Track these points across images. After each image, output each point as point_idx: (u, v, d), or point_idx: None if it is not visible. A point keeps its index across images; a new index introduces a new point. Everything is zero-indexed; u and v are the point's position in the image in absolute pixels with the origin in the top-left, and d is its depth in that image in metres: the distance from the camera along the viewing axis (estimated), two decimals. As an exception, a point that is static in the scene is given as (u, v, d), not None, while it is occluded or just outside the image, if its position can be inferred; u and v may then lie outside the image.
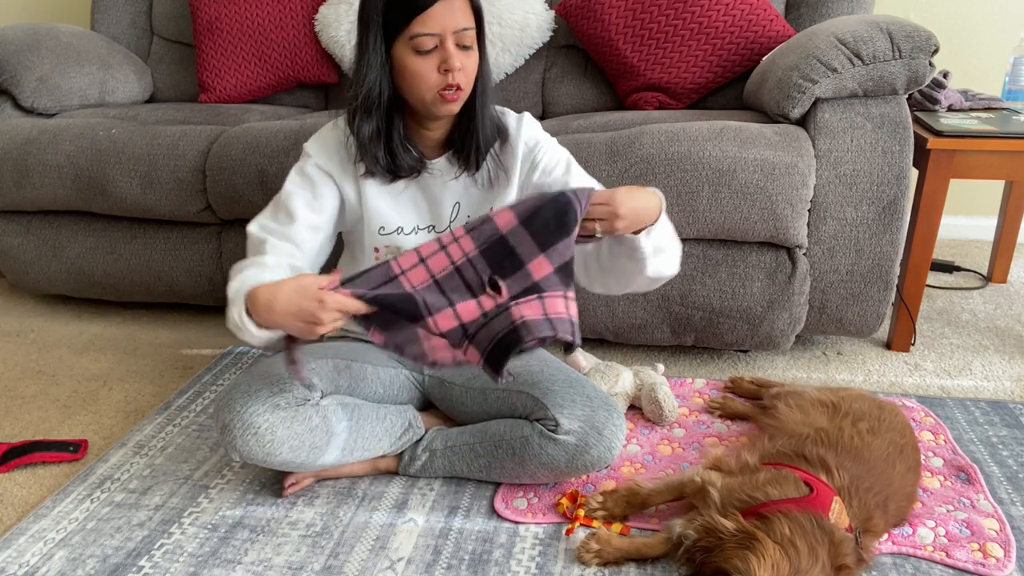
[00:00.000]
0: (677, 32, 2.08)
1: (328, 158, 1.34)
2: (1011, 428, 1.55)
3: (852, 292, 1.74)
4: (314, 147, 1.35)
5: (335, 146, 1.34)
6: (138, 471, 1.48)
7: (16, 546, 1.28)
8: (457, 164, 1.35)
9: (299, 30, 2.35)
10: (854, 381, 1.77)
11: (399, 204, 1.37)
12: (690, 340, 1.83)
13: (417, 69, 1.22)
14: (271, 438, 1.23)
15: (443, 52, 1.21)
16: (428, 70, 1.22)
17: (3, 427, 1.66)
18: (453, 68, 1.21)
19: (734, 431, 1.57)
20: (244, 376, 1.28)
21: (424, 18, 1.18)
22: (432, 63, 1.22)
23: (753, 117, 1.82)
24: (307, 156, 1.35)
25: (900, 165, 1.66)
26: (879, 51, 1.61)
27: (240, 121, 2.11)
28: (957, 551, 1.21)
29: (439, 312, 1.16)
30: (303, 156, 1.36)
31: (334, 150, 1.34)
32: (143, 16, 2.60)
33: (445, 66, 1.21)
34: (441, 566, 1.22)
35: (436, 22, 1.18)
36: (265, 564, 1.23)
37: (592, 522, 1.28)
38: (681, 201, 1.66)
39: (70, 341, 2.08)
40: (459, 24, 1.20)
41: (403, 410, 1.43)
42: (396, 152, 1.30)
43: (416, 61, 1.21)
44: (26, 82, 2.18)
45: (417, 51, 1.21)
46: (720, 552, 1.06)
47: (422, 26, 1.19)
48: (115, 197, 1.98)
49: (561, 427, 1.30)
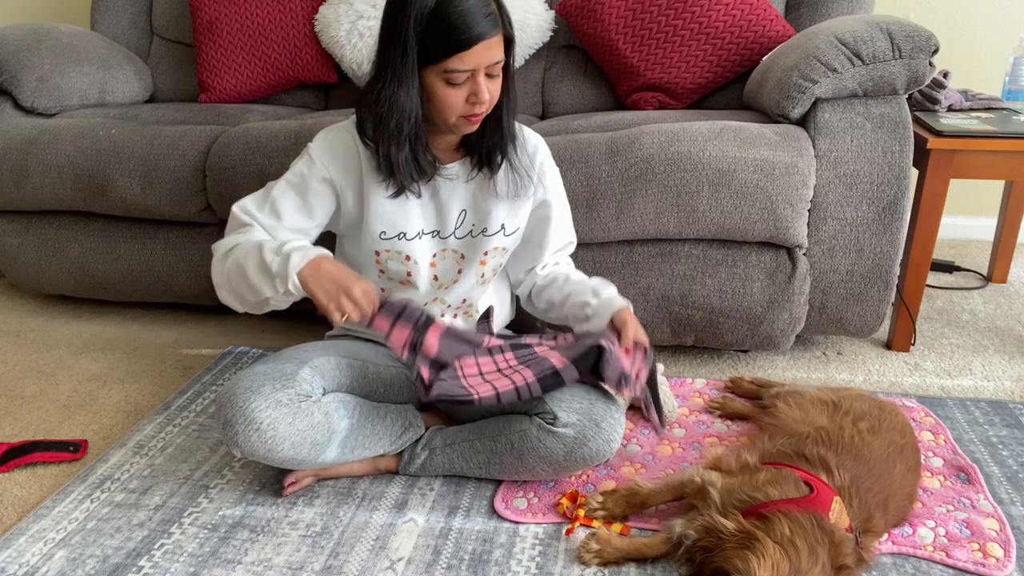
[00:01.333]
0: (677, 32, 2.08)
1: (333, 164, 1.34)
2: (1011, 428, 1.55)
3: (852, 292, 1.74)
4: (320, 151, 1.35)
5: (343, 152, 1.34)
6: (138, 471, 1.48)
7: (16, 546, 1.28)
8: (472, 167, 1.37)
9: (299, 30, 2.35)
10: (854, 381, 1.77)
11: (405, 209, 1.37)
12: (690, 340, 1.83)
13: (446, 98, 1.23)
14: (273, 434, 1.23)
15: (473, 85, 1.22)
16: (457, 100, 1.24)
17: (3, 427, 1.66)
18: (482, 101, 1.23)
19: (734, 431, 1.57)
20: (246, 373, 1.28)
21: (463, 56, 1.19)
22: (462, 94, 1.23)
23: (753, 117, 1.82)
24: (311, 161, 1.35)
25: (900, 165, 1.66)
26: (879, 51, 1.61)
27: (240, 121, 2.11)
28: (957, 551, 1.21)
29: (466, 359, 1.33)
30: (307, 159, 1.35)
31: (341, 156, 1.34)
32: (143, 16, 2.60)
33: (474, 99, 1.23)
34: (441, 566, 1.22)
35: (473, 59, 1.20)
36: (265, 564, 1.23)
37: (592, 522, 1.28)
38: (681, 201, 1.66)
39: (70, 341, 2.08)
40: (492, 59, 1.22)
41: (403, 409, 1.43)
42: (421, 164, 1.31)
43: (446, 91, 1.23)
44: (26, 82, 2.18)
45: (449, 83, 1.22)
46: (720, 552, 1.06)
47: (459, 63, 1.19)
48: (115, 197, 1.98)
49: (559, 420, 1.30)
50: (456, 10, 1.17)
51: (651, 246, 1.75)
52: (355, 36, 2.26)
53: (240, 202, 1.36)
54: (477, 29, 1.18)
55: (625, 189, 1.66)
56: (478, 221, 1.40)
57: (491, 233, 1.41)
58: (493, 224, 1.40)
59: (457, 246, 1.42)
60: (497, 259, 1.45)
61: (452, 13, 1.17)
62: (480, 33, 1.18)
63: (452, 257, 1.43)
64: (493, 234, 1.41)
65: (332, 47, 2.33)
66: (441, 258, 1.42)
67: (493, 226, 1.40)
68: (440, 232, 1.40)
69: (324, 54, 2.37)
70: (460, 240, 1.42)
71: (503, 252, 1.45)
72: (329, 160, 1.34)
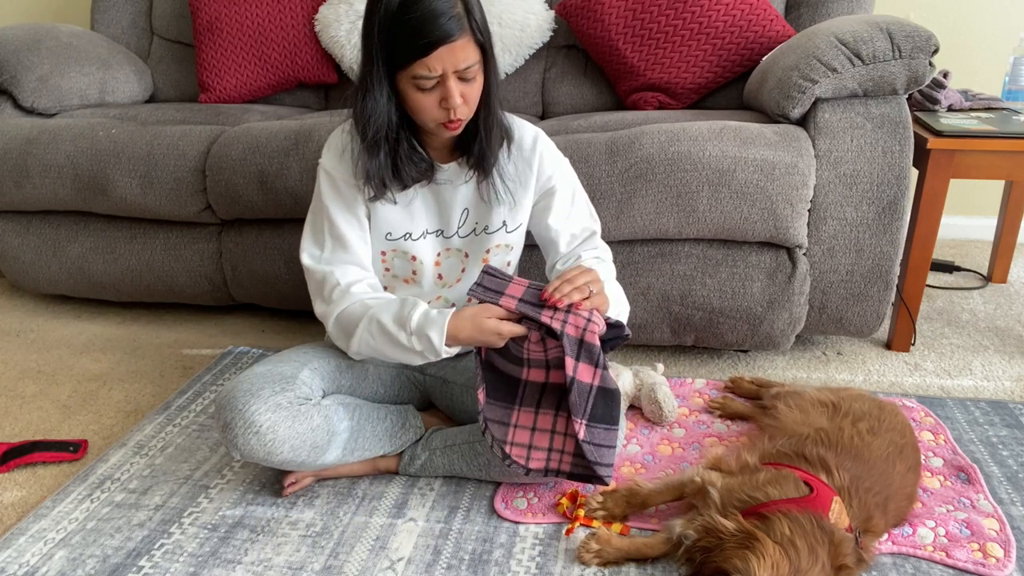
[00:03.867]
0: (677, 32, 2.08)
1: (347, 169, 1.34)
2: (1011, 428, 1.55)
3: (852, 292, 1.74)
4: (332, 163, 1.35)
5: (348, 157, 1.34)
6: (138, 471, 1.48)
7: (16, 546, 1.28)
8: (467, 168, 1.36)
9: (299, 30, 2.35)
10: (854, 381, 1.77)
11: (410, 209, 1.37)
12: (690, 340, 1.83)
13: (418, 104, 1.23)
14: (272, 437, 1.23)
15: (444, 89, 1.20)
16: (430, 105, 1.22)
17: (3, 427, 1.66)
18: (453, 107, 1.21)
19: (734, 431, 1.57)
20: (246, 375, 1.28)
21: (426, 61, 1.17)
22: (434, 99, 1.22)
23: (753, 117, 1.82)
24: (331, 176, 1.34)
25: (900, 165, 1.66)
26: (879, 51, 1.61)
27: (240, 121, 2.11)
28: (957, 551, 1.21)
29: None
30: (327, 176, 1.35)
31: (348, 161, 1.34)
32: (143, 16, 2.60)
33: (445, 104, 1.21)
34: (441, 566, 1.22)
35: (438, 64, 1.18)
36: (265, 564, 1.23)
37: (592, 522, 1.28)
38: (681, 201, 1.66)
39: (70, 341, 2.08)
40: (459, 64, 1.19)
41: (404, 410, 1.43)
42: (401, 168, 1.31)
43: (417, 96, 1.22)
44: (26, 82, 2.18)
45: (419, 88, 1.21)
46: (720, 552, 1.06)
47: (424, 68, 1.18)
48: (115, 197, 1.98)
49: None
50: (416, 14, 1.15)
51: (651, 246, 1.75)
52: (355, 36, 2.26)
53: (303, 254, 1.37)
54: (439, 32, 1.15)
55: (625, 189, 1.66)
56: (480, 219, 1.40)
57: (493, 231, 1.41)
58: (494, 222, 1.40)
59: (460, 245, 1.42)
60: (501, 256, 1.45)
61: (413, 17, 1.15)
62: (442, 36, 1.15)
63: (456, 256, 1.43)
64: (495, 231, 1.41)
65: (332, 47, 2.33)
66: (445, 257, 1.43)
67: (494, 224, 1.40)
68: (444, 232, 1.40)
69: (324, 54, 2.37)
70: (463, 239, 1.42)
71: (507, 249, 1.44)
72: (342, 168, 1.34)
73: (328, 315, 1.35)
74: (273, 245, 1.96)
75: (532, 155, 1.40)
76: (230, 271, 2.03)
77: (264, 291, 2.03)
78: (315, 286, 1.37)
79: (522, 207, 1.42)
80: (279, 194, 1.86)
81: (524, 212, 1.43)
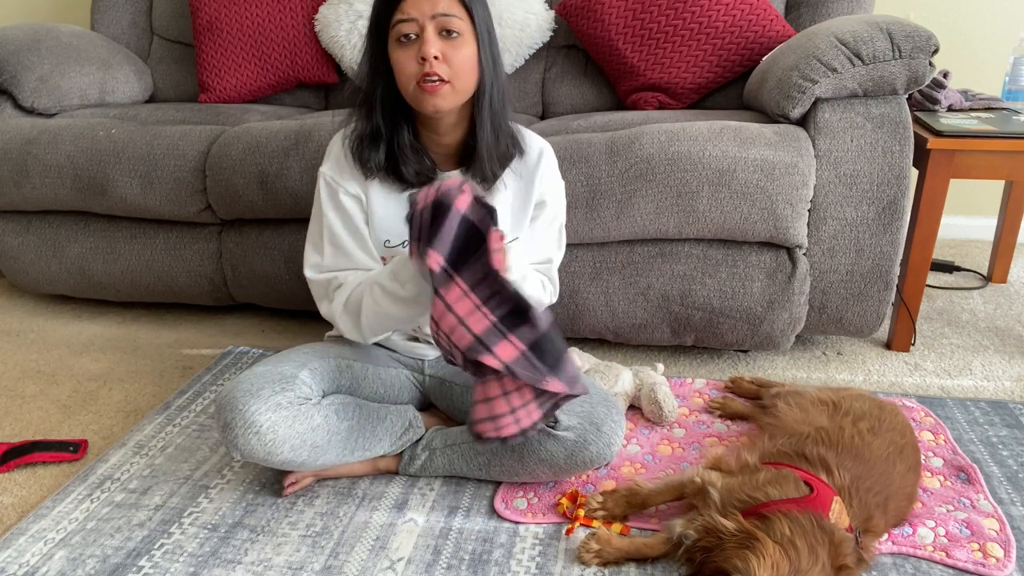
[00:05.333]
0: (677, 32, 2.08)
1: (351, 178, 1.34)
2: (1011, 428, 1.55)
3: (852, 292, 1.74)
4: (332, 171, 1.35)
5: (348, 165, 1.34)
6: (138, 471, 1.48)
7: (16, 546, 1.28)
8: (469, 178, 1.34)
9: (299, 30, 2.35)
10: (854, 381, 1.77)
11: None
12: (690, 340, 1.83)
13: (399, 63, 1.23)
14: (272, 437, 1.23)
15: (420, 42, 1.20)
16: (408, 60, 1.22)
17: (3, 427, 1.66)
18: (428, 55, 1.19)
19: (734, 431, 1.57)
20: (246, 375, 1.28)
21: (404, 5, 1.19)
22: (411, 52, 1.21)
23: (753, 117, 1.82)
24: (332, 186, 1.34)
25: (900, 165, 1.66)
26: (879, 51, 1.61)
27: (240, 121, 2.11)
28: (957, 551, 1.21)
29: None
30: (328, 186, 1.35)
31: (347, 168, 1.34)
32: (143, 16, 2.60)
33: (421, 54, 1.20)
34: (441, 566, 1.22)
35: (414, 7, 1.19)
36: (265, 564, 1.23)
37: (592, 522, 1.28)
38: (681, 201, 1.66)
39: (70, 341, 2.08)
40: (437, 8, 1.19)
41: (403, 410, 1.43)
42: (399, 155, 1.30)
43: (398, 53, 1.22)
44: (26, 82, 2.17)
45: (399, 41, 1.22)
46: (720, 552, 1.06)
47: (401, 13, 1.20)
48: (115, 197, 1.98)
49: (560, 423, 1.30)
50: None
51: (651, 246, 1.75)
52: (355, 36, 2.26)
53: (306, 268, 1.38)
54: None
55: (625, 189, 1.66)
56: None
57: None
58: None
59: None
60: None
61: None
62: None
63: None
64: None
65: (332, 47, 2.33)
66: None
67: None
68: None
69: (324, 54, 2.37)
70: None
71: None
72: (344, 177, 1.34)
73: (335, 309, 1.35)
74: (273, 245, 1.96)
75: (535, 170, 1.39)
76: (230, 271, 2.03)
77: (264, 291, 2.03)
78: (319, 291, 1.38)
79: (524, 219, 1.41)
80: (279, 194, 1.86)
81: (525, 225, 1.42)
